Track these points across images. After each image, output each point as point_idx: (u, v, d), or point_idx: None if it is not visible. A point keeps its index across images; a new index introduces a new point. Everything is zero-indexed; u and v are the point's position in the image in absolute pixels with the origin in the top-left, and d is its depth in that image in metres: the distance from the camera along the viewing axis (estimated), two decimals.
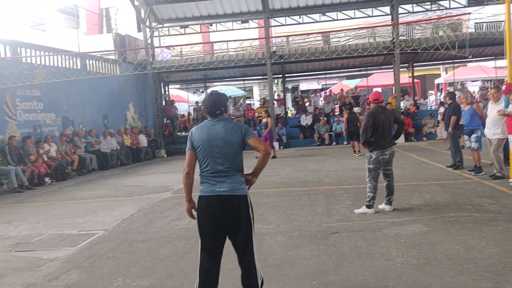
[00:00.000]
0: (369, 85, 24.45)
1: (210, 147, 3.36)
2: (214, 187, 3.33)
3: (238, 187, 3.35)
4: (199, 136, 3.41)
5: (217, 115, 3.45)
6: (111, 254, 5.20)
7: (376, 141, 6.25)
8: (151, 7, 19.46)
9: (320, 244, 5.02)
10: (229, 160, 3.36)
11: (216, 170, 3.35)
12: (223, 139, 3.35)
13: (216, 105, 3.44)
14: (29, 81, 12.04)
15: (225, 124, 3.41)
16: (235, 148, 3.37)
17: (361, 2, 19.14)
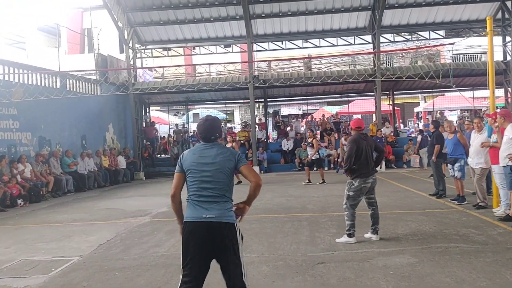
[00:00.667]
0: (350, 111, 24.70)
1: (201, 172, 3.28)
2: (201, 213, 3.22)
3: (226, 214, 3.25)
4: (190, 159, 3.34)
5: (212, 140, 3.40)
6: (86, 283, 4.91)
7: (359, 168, 6.14)
8: (134, 28, 19.41)
9: (307, 275, 4.83)
10: (219, 187, 3.28)
11: (205, 196, 3.26)
12: (215, 164, 3.28)
13: (211, 130, 3.40)
14: (5, 99, 11.69)
15: (218, 149, 3.36)
16: (226, 174, 3.30)
17: (343, 30, 19.51)
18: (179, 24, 19.25)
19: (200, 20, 19.00)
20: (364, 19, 18.85)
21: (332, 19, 18.89)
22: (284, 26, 19.32)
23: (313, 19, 18.92)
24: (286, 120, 27.47)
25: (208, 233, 3.17)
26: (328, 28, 19.45)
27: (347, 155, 6.23)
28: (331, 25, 19.30)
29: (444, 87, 21.00)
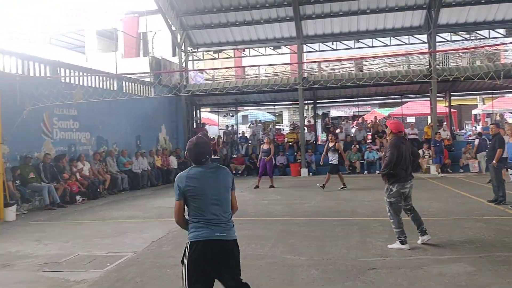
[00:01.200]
0: (403, 113, 23.99)
1: (208, 194, 3.30)
2: (211, 232, 3.26)
3: (233, 232, 3.38)
4: (194, 183, 3.30)
5: (203, 162, 3.39)
6: (139, 279, 5.06)
7: (397, 173, 5.97)
8: (187, 32, 19.86)
9: (357, 281, 4.73)
10: (225, 206, 3.36)
11: (215, 216, 3.30)
12: (221, 184, 3.37)
13: (202, 153, 3.38)
14: (67, 100, 12.31)
15: (217, 169, 3.41)
16: (229, 193, 3.41)
17: (397, 30, 19.00)
18: (229, 26, 19.49)
19: (250, 22, 19.16)
20: (419, 18, 18.27)
21: (385, 18, 18.44)
22: (335, 26, 19.08)
23: (365, 19, 18.57)
24: (336, 122, 27.11)
25: (217, 251, 3.25)
26: (381, 28, 19.01)
27: (388, 161, 5.98)
28: (384, 25, 18.85)
29: (505, 88, 19.96)
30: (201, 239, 3.24)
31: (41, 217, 9.88)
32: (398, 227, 6.00)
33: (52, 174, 11.70)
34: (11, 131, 10.68)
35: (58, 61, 14.19)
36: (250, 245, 6.42)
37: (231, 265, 3.31)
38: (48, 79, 12.53)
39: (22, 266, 5.77)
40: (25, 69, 12.11)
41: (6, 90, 10.37)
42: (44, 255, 6.34)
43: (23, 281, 5.13)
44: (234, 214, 3.46)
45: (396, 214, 6.03)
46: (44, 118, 12.22)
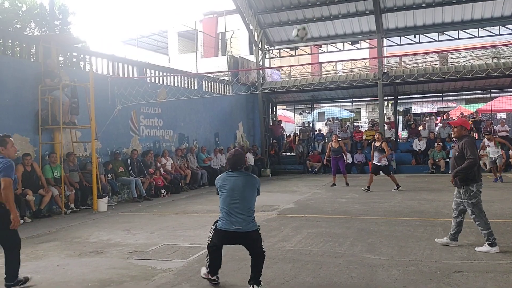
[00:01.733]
0: (492, 109, 22.37)
1: (233, 194, 4.47)
2: (230, 224, 4.44)
3: (252, 225, 4.48)
4: (224, 184, 4.57)
5: (238, 169, 4.60)
6: (220, 270, 5.23)
7: (474, 173, 5.75)
8: (264, 30, 20.09)
9: (442, 283, 4.53)
10: (247, 204, 4.47)
11: (236, 211, 4.45)
12: (243, 188, 4.48)
13: (239, 162, 4.64)
14: (152, 99, 13.02)
15: (244, 177, 4.56)
16: (253, 194, 4.55)
17: (486, 20, 17.77)
18: (306, 22, 19.39)
19: (328, 17, 18.94)
20: (511, 6, 16.91)
21: (473, 8, 17.32)
22: (418, 18, 18.27)
23: (450, 10, 17.57)
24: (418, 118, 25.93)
25: (235, 238, 4.53)
26: (468, 19, 17.87)
27: (474, 162, 5.65)
28: (471, 15, 17.70)
29: None
30: (222, 229, 4.48)
31: (129, 209, 10.56)
32: (486, 228, 5.66)
33: (139, 169, 12.45)
34: (103, 128, 11.51)
35: (144, 62, 15.08)
36: (327, 243, 6.38)
37: (246, 244, 4.55)
38: (136, 79, 13.34)
39: (113, 254, 6.22)
40: (115, 70, 13.00)
41: (99, 90, 11.19)
42: (132, 244, 6.78)
43: (114, 267, 5.52)
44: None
45: (482, 215, 5.74)
46: (132, 116, 13.05)
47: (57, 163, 10.33)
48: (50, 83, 10.32)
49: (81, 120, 11.00)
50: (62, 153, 10.53)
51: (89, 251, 6.40)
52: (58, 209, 10.08)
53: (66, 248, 6.67)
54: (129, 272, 5.30)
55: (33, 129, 10.21)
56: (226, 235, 4.45)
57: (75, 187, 10.48)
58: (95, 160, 10.44)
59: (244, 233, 4.41)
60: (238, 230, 4.38)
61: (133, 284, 4.88)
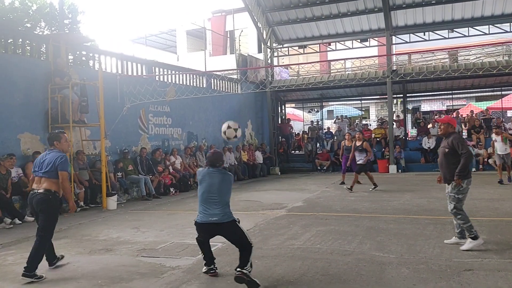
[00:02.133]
0: (503, 107, 22.15)
1: (210, 189, 4.86)
2: (206, 217, 4.80)
3: (227, 216, 4.80)
4: (203, 179, 4.96)
5: (217, 167, 5.00)
6: (229, 268, 5.25)
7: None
8: (272, 28, 20.06)
9: (452, 281, 4.49)
10: (221, 197, 4.85)
11: (211, 202, 4.83)
12: (219, 184, 4.89)
13: (217, 161, 5.04)
14: (161, 97, 13.06)
15: (222, 174, 4.98)
16: (226, 191, 4.93)
17: (497, 17, 17.58)
18: (315, 20, 19.35)
19: (336, 15, 18.86)
20: None
21: (483, 5, 17.12)
22: (428, 15, 18.12)
23: (460, 6, 17.39)
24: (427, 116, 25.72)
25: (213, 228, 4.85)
26: (479, 16, 17.69)
27: (469, 156, 5.83)
28: (482, 12, 17.52)
29: None
30: (200, 222, 4.85)
31: (138, 207, 10.62)
32: (467, 221, 5.74)
33: (148, 167, 12.51)
34: (112, 127, 11.57)
35: (153, 60, 15.12)
36: (337, 241, 6.37)
37: (225, 234, 4.86)
38: (144, 77, 13.39)
39: (123, 251, 6.26)
40: (124, 69, 13.06)
41: (108, 88, 11.25)
42: (142, 241, 6.82)
43: (124, 265, 5.56)
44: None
45: (463, 211, 5.81)
46: (141, 114, 13.11)
47: None
48: (59, 81, 10.39)
49: (91, 118, 11.06)
50: (72, 151, 10.61)
51: (99, 249, 6.45)
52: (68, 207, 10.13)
53: (76, 245, 6.73)
54: (138, 270, 5.33)
55: (43, 127, 10.29)
56: (204, 227, 4.82)
57: (85, 185, 10.56)
58: (104, 158, 10.50)
59: (221, 224, 4.73)
60: (215, 221, 4.73)
61: (142, 281, 4.90)
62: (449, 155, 5.88)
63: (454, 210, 5.83)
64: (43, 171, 5.22)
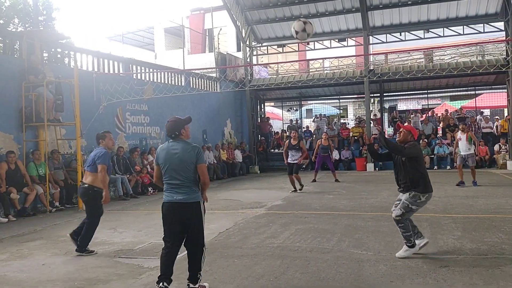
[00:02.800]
0: (477, 106, 22.69)
1: (169, 164, 4.27)
2: (172, 196, 4.29)
3: (190, 196, 4.28)
4: (161, 155, 4.35)
5: (175, 137, 4.33)
6: (208, 267, 5.22)
7: (428, 181, 5.45)
8: (251, 27, 20.05)
9: (428, 278, 4.57)
10: (184, 176, 4.24)
11: (174, 182, 4.27)
12: (180, 158, 4.24)
13: (173, 129, 4.33)
14: (138, 96, 12.91)
15: (183, 146, 4.29)
16: (188, 166, 4.25)
17: (471, 18, 17.98)
18: (294, 20, 19.34)
19: (315, 15, 18.96)
20: (495, 4, 17.15)
21: (458, 6, 17.49)
22: (404, 16, 18.41)
23: (436, 7, 17.73)
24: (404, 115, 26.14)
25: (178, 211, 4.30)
26: (454, 16, 18.06)
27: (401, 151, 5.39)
28: (456, 13, 17.89)
29: None
30: (165, 201, 4.36)
31: (115, 207, 10.46)
32: (408, 231, 5.37)
33: (125, 167, 12.34)
34: (88, 126, 11.37)
35: (130, 58, 14.93)
36: (316, 239, 6.41)
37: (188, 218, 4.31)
38: (121, 75, 13.21)
39: (100, 252, 6.15)
40: (100, 67, 12.85)
41: (84, 86, 11.06)
42: (119, 242, 6.72)
43: (101, 266, 5.47)
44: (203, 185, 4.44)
45: (408, 219, 5.43)
46: (117, 113, 12.92)
47: (41, 160, 10.19)
48: (34, 79, 10.16)
49: (66, 117, 10.85)
50: (47, 151, 10.39)
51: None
52: (43, 207, 9.94)
53: (51, 246, 6.59)
54: (116, 271, 5.25)
55: (17, 126, 10.04)
56: (169, 207, 4.31)
57: (60, 185, 10.35)
58: (80, 157, 10.31)
59: (186, 204, 4.26)
60: (180, 200, 4.26)
61: (120, 282, 4.83)
62: (407, 162, 5.41)
63: (399, 217, 5.37)
64: (87, 166, 6.18)
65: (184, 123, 4.38)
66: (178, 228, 4.34)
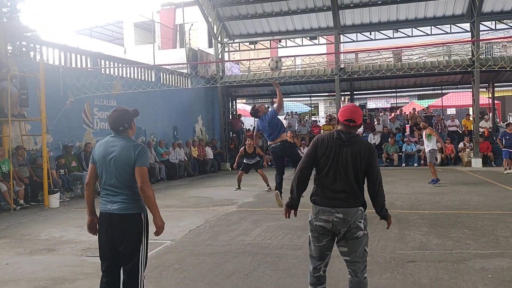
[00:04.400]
0: (443, 105, 23.31)
1: (104, 164, 3.36)
2: (106, 205, 3.36)
3: (128, 206, 3.33)
4: (97, 152, 3.43)
5: (120, 131, 3.43)
6: (178, 265, 5.16)
7: (318, 187, 3.49)
8: (223, 23, 19.93)
9: (396, 273, 4.66)
10: (120, 179, 3.33)
11: (109, 187, 3.36)
12: (116, 157, 3.33)
13: (119, 121, 3.41)
14: (107, 91, 12.63)
15: (124, 143, 3.38)
16: (126, 168, 3.32)
17: (438, 18, 18.40)
18: (266, 17, 19.41)
19: (287, 12, 19.02)
20: (462, 5, 17.61)
21: (426, 7, 17.87)
22: (374, 15, 18.68)
23: (405, 8, 18.06)
24: (373, 113, 26.62)
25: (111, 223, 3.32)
26: (422, 17, 18.44)
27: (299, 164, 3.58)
28: (425, 13, 18.27)
29: None
30: (100, 210, 3.42)
31: (83, 205, 10.06)
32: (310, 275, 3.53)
33: None
34: (55, 121, 11.06)
35: (98, 52, 14.58)
36: (287, 236, 6.43)
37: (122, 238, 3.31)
38: (89, 70, 12.90)
39: (66, 251, 6.00)
40: (67, 61, 12.51)
41: (50, 81, 10.73)
42: (86, 241, 6.56)
43: (67, 265, 5.33)
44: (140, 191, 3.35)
45: (311, 256, 3.50)
46: (85, 108, 12.62)
47: (5, 157, 9.84)
48: None
49: (31, 112, 10.51)
50: (11, 147, 10.04)
51: (40, 249, 6.14)
52: (7, 205, 9.60)
53: (15, 245, 6.38)
54: (83, 270, 5.13)
55: None
56: (103, 219, 3.37)
57: (25, 182, 10.04)
58: (46, 154, 10.01)
59: (120, 216, 3.30)
60: (114, 211, 3.31)
61: (87, 281, 4.72)
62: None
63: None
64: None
65: (134, 116, 3.51)
66: (113, 245, 3.35)
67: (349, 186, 3.30)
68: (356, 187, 3.31)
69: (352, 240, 3.29)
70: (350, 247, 3.30)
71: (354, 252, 3.31)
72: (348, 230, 3.27)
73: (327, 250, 3.40)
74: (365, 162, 3.31)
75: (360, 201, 3.35)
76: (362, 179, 3.35)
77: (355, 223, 3.28)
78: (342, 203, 3.29)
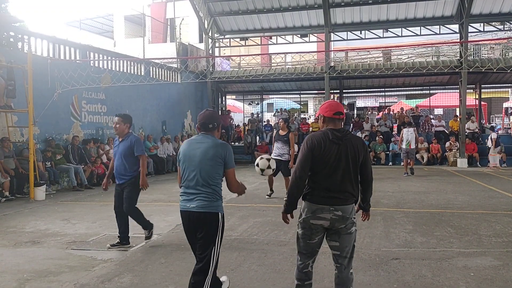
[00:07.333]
0: (431, 105, 23.54)
1: (189, 162, 3.43)
2: (187, 203, 3.43)
3: (209, 204, 3.39)
4: (183, 150, 3.51)
5: (210, 129, 3.51)
6: (164, 260, 5.17)
7: (314, 186, 3.33)
8: (214, 18, 19.87)
9: (380, 270, 4.72)
10: (204, 178, 3.39)
11: (190, 186, 3.43)
12: (203, 155, 3.39)
13: (211, 119, 3.51)
14: (95, 84, 12.53)
15: (212, 142, 3.45)
16: (213, 166, 3.40)
17: (428, 19, 18.56)
18: (257, 13, 19.40)
19: (278, 9, 19.03)
20: (451, 7, 17.79)
21: (416, 7, 18.01)
22: (364, 15, 18.77)
23: (395, 8, 18.19)
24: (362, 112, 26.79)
25: (191, 222, 3.42)
26: (411, 17, 18.59)
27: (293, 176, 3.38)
28: (414, 14, 18.43)
29: None
30: (180, 208, 3.50)
31: (69, 198, 10.16)
32: (296, 276, 3.55)
33: (80, 156, 11.99)
34: (42, 113, 10.94)
35: (87, 45, 14.45)
36: (273, 231, 6.47)
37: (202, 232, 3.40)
38: (78, 62, 12.78)
39: (51, 244, 5.96)
40: (56, 53, 12.37)
41: (38, 73, 10.61)
42: (72, 234, 6.54)
43: (52, 258, 5.30)
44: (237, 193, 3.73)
45: (299, 256, 3.50)
46: (73, 101, 12.51)
47: None
48: None
49: (18, 103, 10.40)
50: None
51: (25, 241, 6.10)
52: None
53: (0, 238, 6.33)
54: (68, 263, 5.10)
55: None
56: (184, 217, 3.47)
57: (11, 174, 9.93)
58: (32, 146, 9.91)
59: (199, 214, 3.36)
60: (193, 209, 3.37)
61: (72, 274, 4.70)
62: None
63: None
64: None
65: (221, 121, 3.64)
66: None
67: (349, 183, 3.30)
68: (354, 184, 3.34)
69: (344, 235, 3.34)
70: (342, 242, 3.35)
71: (345, 247, 3.37)
72: (344, 226, 3.31)
73: (317, 247, 3.44)
74: (362, 157, 3.35)
75: (355, 197, 3.38)
76: (358, 174, 3.40)
77: (351, 219, 3.33)
78: (341, 201, 3.28)
